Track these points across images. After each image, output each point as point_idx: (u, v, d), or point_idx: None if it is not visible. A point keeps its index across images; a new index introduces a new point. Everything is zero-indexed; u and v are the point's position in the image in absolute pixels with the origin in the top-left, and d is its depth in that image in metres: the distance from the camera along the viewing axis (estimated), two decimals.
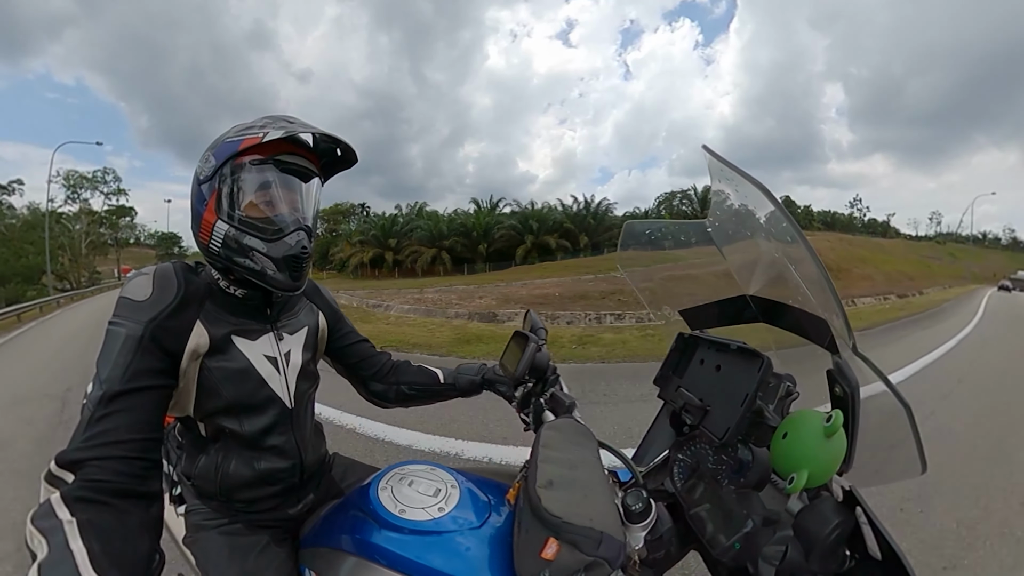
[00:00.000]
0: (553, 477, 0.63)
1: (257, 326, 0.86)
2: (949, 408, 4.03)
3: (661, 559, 0.69)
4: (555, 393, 0.96)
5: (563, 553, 0.54)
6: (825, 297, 0.60)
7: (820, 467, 0.55)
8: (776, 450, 0.61)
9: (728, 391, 0.71)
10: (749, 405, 0.66)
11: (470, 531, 0.69)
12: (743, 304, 0.80)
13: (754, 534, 0.59)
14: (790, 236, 0.62)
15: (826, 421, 0.55)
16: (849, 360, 0.59)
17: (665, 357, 0.91)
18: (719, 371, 0.78)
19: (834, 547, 0.54)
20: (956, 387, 4.82)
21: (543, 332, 1.00)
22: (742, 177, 0.64)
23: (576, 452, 0.71)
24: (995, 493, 2.51)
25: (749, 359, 0.71)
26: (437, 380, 1.10)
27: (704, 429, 0.73)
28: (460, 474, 0.81)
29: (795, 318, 0.69)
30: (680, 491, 0.75)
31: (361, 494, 0.78)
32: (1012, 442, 3.29)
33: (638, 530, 0.63)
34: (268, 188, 0.78)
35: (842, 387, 0.58)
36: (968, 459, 2.96)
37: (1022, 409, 4.08)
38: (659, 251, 0.94)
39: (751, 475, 0.63)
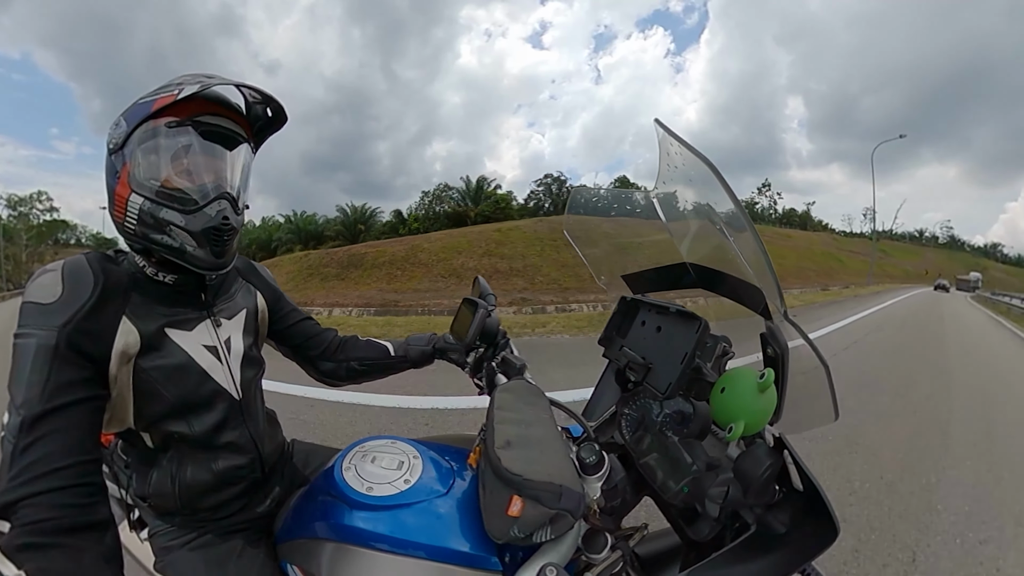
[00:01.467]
0: (510, 437, 0.66)
1: (192, 314, 0.77)
2: None
3: (618, 506, 0.75)
4: (506, 356, 0.98)
5: (528, 509, 0.57)
6: (760, 268, 0.64)
7: (755, 418, 0.62)
8: (715, 403, 0.67)
9: (669, 350, 0.77)
10: (688, 362, 0.71)
11: (438, 499, 0.70)
12: (683, 271, 0.84)
13: (699, 478, 0.66)
14: (731, 210, 0.65)
15: (759, 378, 0.62)
16: (780, 325, 0.65)
17: (609, 319, 0.95)
18: (660, 332, 0.83)
19: (767, 484, 0.63)
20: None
21: (492, 298, 1.01)
22: (691, 152, 0.65)
23: (530, 412, 0.74)
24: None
25: (688, 321, 0.76)
26: (387, 353, 1.08)
27: (648, 385, 0.78)
28: (420, 444, 0.81)
29: (731, 286, 0.74)
30: (629, 443, 0.81)
31: (326, 478, 0.76)
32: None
33: (594, 481, 0.68)
34: (186, 154, 0.68)
35: (774, 348, 0.65)
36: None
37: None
38: (604, 218, 0.96)
39: (693, 426, 0.69)
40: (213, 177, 0.71)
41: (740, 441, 0.68)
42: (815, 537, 0.59)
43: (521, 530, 0.57)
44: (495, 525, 0.60)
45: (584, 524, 0.67)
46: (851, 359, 5.96)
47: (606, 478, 0.69)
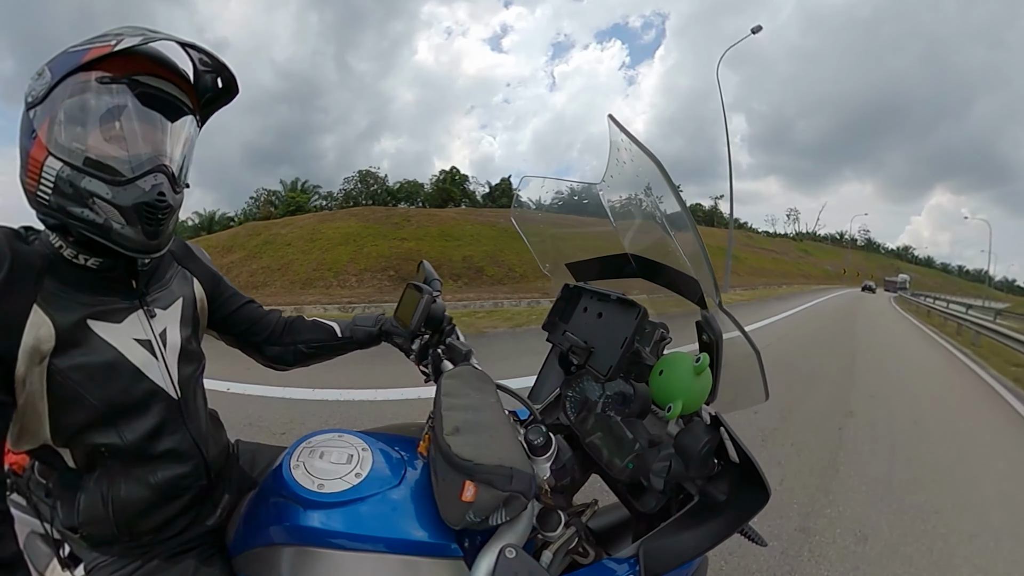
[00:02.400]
0: (458, 423, 0.66)
1: (122, 304, 0.68)
2: None
3: (568, 485, 0.79)
4: (451, 343, 0.97)
5: (481, 493, 0.58)
6: (698, 261, 0.70)
7: (692, 398, 0.68)
8: (654, 384, 0.73)
9: (610, 335, 0.81)
10: (628, 346, 0.76)
11: (391, 490, 0.69)
12: (625, 262, 0.89)
13: (643, 454, 0.71)
14: (673, 206, 0.70)
15: (696, 362, 0.68)
16: (715, 313, 0.71)
17: (553, 305, 0.98)
18: (601, 318, 0.87)
19: (706, 458, 0.69)
20: None
21: (437, 283, 0.99)
22: (640, 150, 0.68)
23: (477, 397, 0.74)
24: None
25: (628, 308, 0.81)
26: (334, 334, 1.03)
27: (590, 368, 0.83)
28: (368, 435, 0.79)
29: (670, 277, 0.79)
30: (574, 423, 0.85)
31: (276, 478, 0.72)
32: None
33: (543, 462, 0.70)
34: (119, 117, 0.59)
35: (708, 335, 0.71)
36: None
37: None
38: (550, 207, 0.98)
39: (634, 406, 0.74)
40: (150, 147, 0.62)
41: (679, 419, 0.74)
42: (751, 502, 0.67)
43: (476, 514, 0.58)
44: (450, 512, 0.61)
45: (537, 504, 0.69)
46: None
47: (554, 458, 0.72)
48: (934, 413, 4.28)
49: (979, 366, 7.25)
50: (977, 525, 2.31)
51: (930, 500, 2.52)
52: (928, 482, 2.76)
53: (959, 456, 3.24)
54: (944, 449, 3.34)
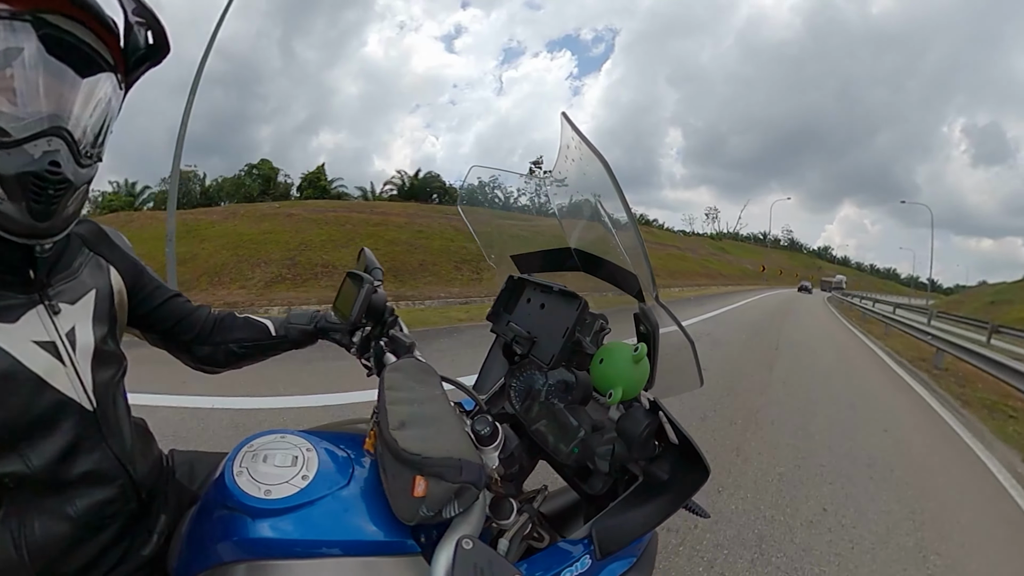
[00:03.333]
0: (404, 417, 0.65)
1: (15, 299, 0.58)
2: None
3: (517, 473, 0.81)
4: (394, 334, 0.94)
5: (432, 487, 0.57)
6: (637, 258, 0.74)
7: (631, 385, 0.73)
8: (595, 372, 0.77)
9: (552, 325, 0.85)
10: (570, 336, 0.80)
11: (341, 491, 0.66)
12: (568, 255, 0.92)
13: (587, 439, 0.75)
14: (617, 205, 0.74)
15: (634, 351, 0.72)
16: (652, 306, 0.76)
17: (497, 296, 1.00)
18: (544, 309, 0.91)
19: (647, 440, 0.74)
20: None
21: (379, 272, 0.96)
22: (589, 149, 0.71)
23: (422, 389, 0.74)
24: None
25: (570, 300, 0.84)
26: (268, 333, 0.96)
27: (533, 357, 0.86)
28: (312, 435, 0.75)
29: (611, 272, 0.84)
30: (519, 412, 0.87)
31: (219, 489, 0.66)
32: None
33: (491, 451, 0.71)
34: (13, 60, 0.49)
35: (646, 326, 0.76)
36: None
37: None
38: (498, 199, 0.99)
39: (576, 393, 0.78)
40: (49, 105, 0.51)
41: (620, 405, 0.78)
42: (692, 479, 0.72)
43: (429, 508, 0.58)
44: (403, 508, 0.60)
45: (489, 493, 0.70)
46: None
47: (502, 447, 0.73)
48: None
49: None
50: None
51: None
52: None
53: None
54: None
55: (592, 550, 0.72)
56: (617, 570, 0.76)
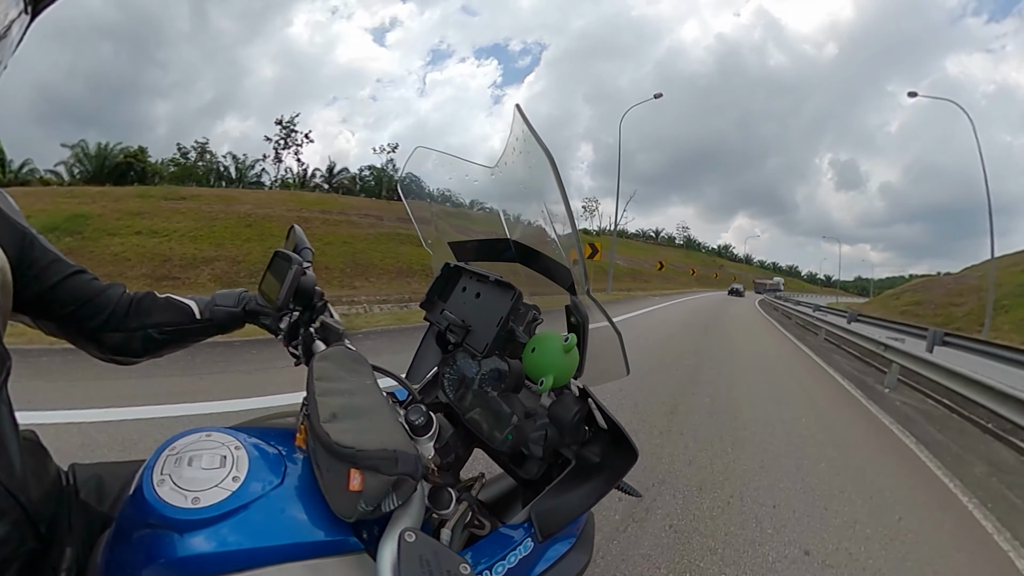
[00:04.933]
0: (335, 409, 0.62)
1: None
2: None
3: (453, 462, 0.81)
4: (324, 321, 0.89)
5: (368, 480, 0.55)
6: (571, 251, 0.78)
7: (562, 373, 0.76)
8: (527, 361, 0.79)
9: (486, 314, 0.86)
10: (503, 326, 0.82)
11: (275, 491, 0.61)
12: (505, 246, 0.94)
13: (520, 426, 0.76)
14: (556, 199, 0.77)
15: (565, 340, 0.76)
16: (582, 299, 0.80)
17: (432, 283, 1.00)
18: (479, 298, 0.92)
19: (578, 425, 0.77)
20: None
21: (308, 252, 0.91)
22: (537, 143, 0.74)
23: (353, 379, 0.71)
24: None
25: (505, 289, 0.86)
26: (192, 315, 0.86)
27: (467, 346, 0.86)
28: (239, 431, 0.69)
29: (545, 264, 0.87)
30: (453, 401, 0.87)
31: (137, 504, 0.57)
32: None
33: (426, 441, 0.71)
34: None
35: (576, 317, 0.80)
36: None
37: None
38: (439, 184, 0.98)
39: (509, 381, 0.79)
40: None
41: (551, 392, 0.81)
42: (622, 462, 0.76)
43: (367, 503, 0.56)
44: (341, 504, 0.57)
45: (427, 484, 0.69)
46: None
47: (437, 437, 0.72)
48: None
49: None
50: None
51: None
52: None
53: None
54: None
55: (533, 533, 0.74)
56: (560, 550, 0.79)
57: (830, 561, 2.23)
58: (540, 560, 0.77)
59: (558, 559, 0.79)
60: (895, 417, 5.04)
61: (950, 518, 2.88)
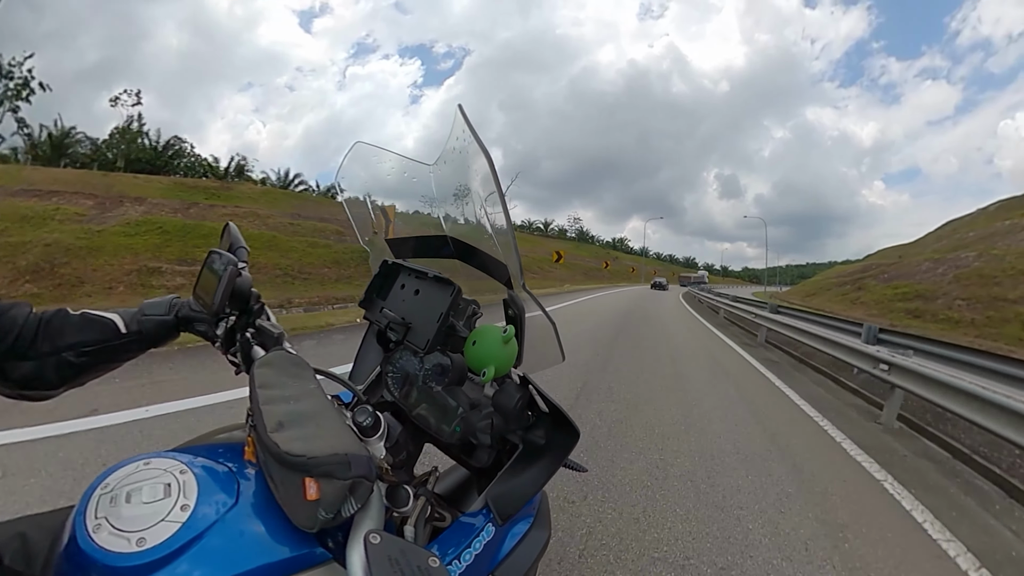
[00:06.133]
0: (281, 417, 0.60)
1: None
2: None
3: (405, 459, 0.81)
4: (262, 325, 0.85)
5: (324, 487, 0.54)
6: (508, 248, 0.82)
7: (502, 363, 0.79)
8: (468, 354, 0.81)
9: (426, 311, 0.88)
10: (444, 321, 0.84)
11: (231, 513, 0.57)
12: (443, 242, 0.96)
13: (467, 417, 0.79)
14: (493, 198, 0.81)
15: (504, 332, 0.79)
16: (518, 292, 0.84)
17: (370, 282, 1.00)
18: (418, 295, 0.93)
19: (521, 412, 0.80)
20: None
21: (244, 251, 0.87)
22: (476, 142, 0.77)
23: (296, 385, 0.69)
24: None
25: (444, 286, 0.89)
26: (116, 330, 0.76)
27: (408, 343, 0.88)
28: (181, 453, 0.63)
29: (483, 260, 0.90)
30: (398, 398, 0.88)
31: (73, 559, 0.49)
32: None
33: (376, 441, 0.70)
34: None
35: (514, 310, 0.84)
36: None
37: None
38: (377, 180, 0.99)
39: (452, 375, 0.82)
40: None
41: (493, 382, 0.83)
42: (565, 441, 0.80)
43: (327, 510, 0.54)
44: (301, 515, 0.55)
45: (383, 484, 0.69)
46: None
47: (386, 436, 0.72)
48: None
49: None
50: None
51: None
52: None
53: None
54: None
55: (492, 518, 0.76)
56: (520, 530, 0.83)
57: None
58: (504, 542, 0.80)
59: (520, 539, 0.83)
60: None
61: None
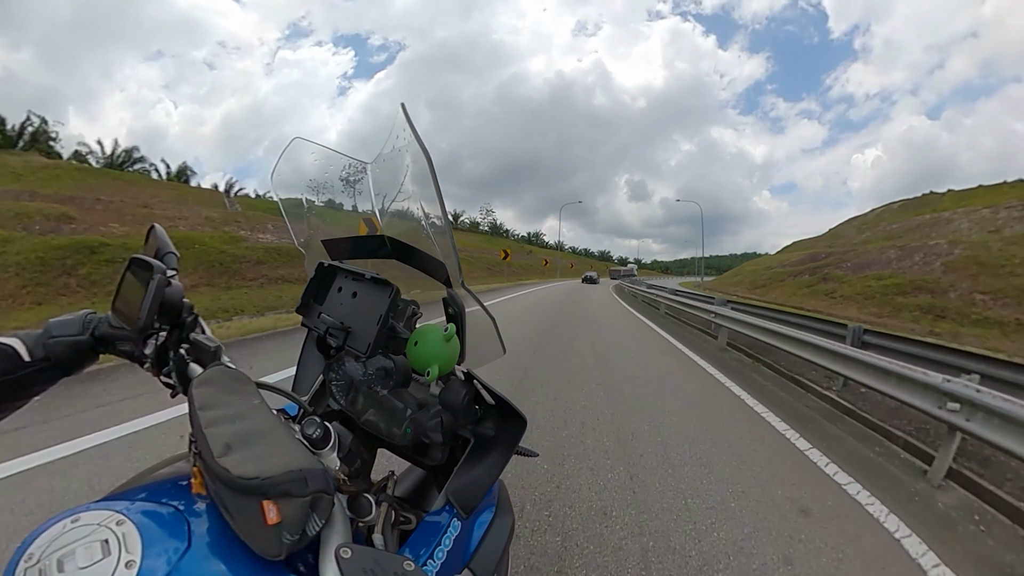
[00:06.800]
0: (228, 439, 0.56)
1: None
2: None
3: (360, 467, 0.79)
4: (196, 339, 0.78)
5: (284, 508, 0.51)
6: (446, 248, 0.83)
7: (446, 361, 0.79)
8: (411, 355, 0.81)
9: (365, 314, 0.86)
10: (384, 323, 0.82)
11: (185, 559, 0.51)
12: (380, 243, 0.96)
13: (416, 417, 0.78)
14: (431, 196, 0.82)
15: (445, 330, 0.80)
16: (457, 290, 0.85)
17: (307, 286, 0.96)
18: (356, 297, 0.91)
19: (468, 407, 0.80)
20: None
21: (172, 257, 0.81)
22: (416, 142, 0.79)
23: (239, 402, 0.65)
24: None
25: (382, 287, 0.87)
26: (17, 359, 0.66)
27: (349, 348, 0.85)
28: (116, 500, 0.57)
29: (421, 260, 0.90)
30: (345, 406, 0.86)
31: None
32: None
33: (328, 453, 0.68)
34: None
35: (453, 308, 0.84)
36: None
37: None
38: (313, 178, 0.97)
39: (397, 377, 0.81)
40: None
41: (438, 381, 0.83)
42: (514, 430, 0.81)
43: (291, 532, 0.51)
44: (264, 543, 0.51)
45: (342, 496, 0.67)
46: None
47: (338, 446, 0.70)
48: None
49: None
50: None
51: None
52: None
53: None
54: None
55: (456, 512, 0.77)
56: (485, 520, 0.85)
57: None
58: (472, 534, 0.81)
59: (488, 528, 0.84)
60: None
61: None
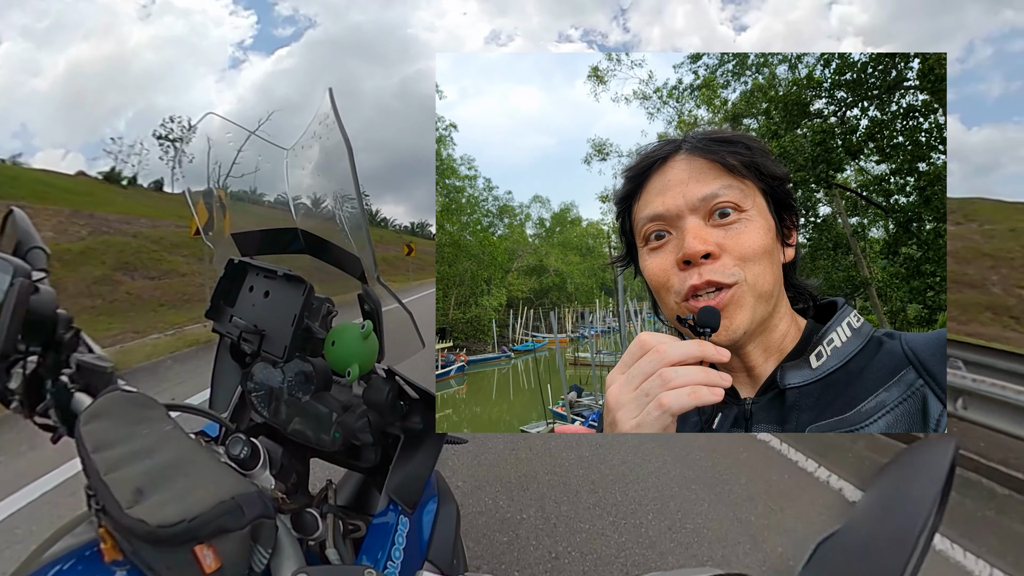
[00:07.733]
0: (138, 482, 0.48)
1: None
2: None
3: (296, 481, 0.74)
4: (81, 361, 0.66)
5: (222, 548, 0.46)
6: (361, 242, 0.80)
7: (365, 360, 0.76)
8: (329, 356, 0.77)
9: (279, 314, 0.80)
10: (299, 324, 0.77)
11: None
12: (294, 236, 0.91)
13: (343, 421, 0.74)
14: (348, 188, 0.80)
15: (362, 328, 0.76)
16: (373, 286, 0.82)
17: (216, 286, 0.89)
18: (268, 296, 0.84)
19: (393, 403, 0.78)
20: None
21: (40, 255, 0.70)
22: (340, 132, 0.76)
23: (146, 433, 0.56)
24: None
25: (295, 284, 0.82)
26: None
27: (266, 353, 0.79)
28: None
29: (335, 254, 0.86)
30: (269, 418, 0.81)
31: None
32: None
33: (260, 472, 0.62)
34: None
35: (370, 304, 0.81)
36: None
37: None
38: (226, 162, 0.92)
39: (318, 381, 0.77)
40: None
41: (360, 380, 0.80)
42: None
43: (236, 573, 0.46)
44: None
45: (284, 516, 0.62)
46: None
47: (269, 463, 0.65)
48: None
49: None
50: None
51: None
52: None
53: None
54: None
55: (401, 509, 0.77)
56: (431, 511, 0.87)
57: None
58: (422, 528, 0.83)
59: (435, 519, 0.86)
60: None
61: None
